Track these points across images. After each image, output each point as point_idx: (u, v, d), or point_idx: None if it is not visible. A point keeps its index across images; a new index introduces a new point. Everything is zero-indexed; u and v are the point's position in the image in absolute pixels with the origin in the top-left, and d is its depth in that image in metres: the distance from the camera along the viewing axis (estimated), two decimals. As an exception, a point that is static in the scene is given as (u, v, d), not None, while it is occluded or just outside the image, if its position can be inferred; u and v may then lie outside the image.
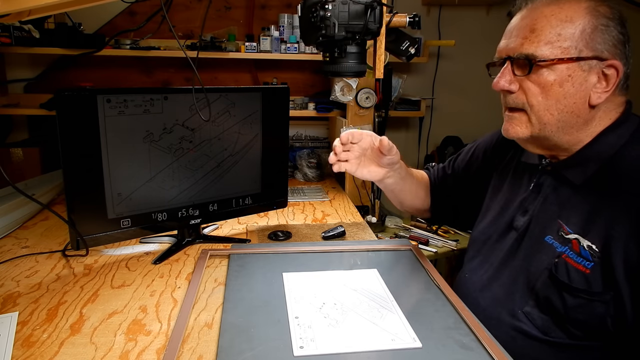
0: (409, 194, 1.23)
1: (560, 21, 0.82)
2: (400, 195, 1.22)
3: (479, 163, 1.16)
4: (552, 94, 0.83)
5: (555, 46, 0.81)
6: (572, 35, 0.81)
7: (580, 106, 0.83)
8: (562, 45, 0.81)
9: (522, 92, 0.86)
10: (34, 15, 0.87)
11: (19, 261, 1.15)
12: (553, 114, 0.84)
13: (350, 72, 0.91)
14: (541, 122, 0.86)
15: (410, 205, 1.27)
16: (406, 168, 1.19)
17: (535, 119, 0.86)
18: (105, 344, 0.82)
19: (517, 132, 0.89)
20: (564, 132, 0.86)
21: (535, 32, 0.83)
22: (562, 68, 0.82)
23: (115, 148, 1.07)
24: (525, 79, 0.85)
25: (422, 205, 1.27)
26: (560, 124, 0.85)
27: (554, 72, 0.82)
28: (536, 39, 0.82)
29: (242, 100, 1.25)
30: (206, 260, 1.13)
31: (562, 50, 0.81)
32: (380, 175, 1.12)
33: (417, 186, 1.23)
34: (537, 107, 0.85)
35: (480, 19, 2.38)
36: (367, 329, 0.85)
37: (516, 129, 0.89)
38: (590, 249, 0.82)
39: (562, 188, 0.91)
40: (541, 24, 0.83)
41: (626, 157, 0.84)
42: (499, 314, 0.92)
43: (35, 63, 2.08)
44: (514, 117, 0.89)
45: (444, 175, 1.25)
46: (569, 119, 0.84)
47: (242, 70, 2.24)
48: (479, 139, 1.20)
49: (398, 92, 2.18)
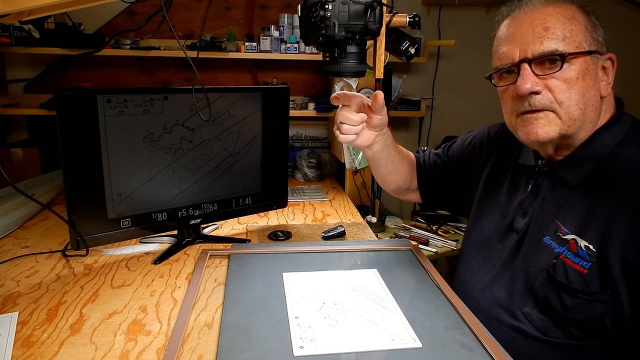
0: (392, 165, 1.18)
1: (566, 18, 0.84)
2: (385, 167, 1.18)
3: (476, 152, 1.15)
4: (578, 88, 0.83)
5: (571, 41, 0.83)
6: (580, 31, 0.83)
7: (597, 99, 0.86)
8: (576, 39, 0.83)
9: (547, 91, 0.84)
10: (34, 15, 0.87)
11: (19, 261, 1.15)
12: (581, 108, 0.84)
13: (350, 72, 0.91)
14: (571, 117, 0.84)
15: (393, 180, 1.23)
16: (391, 136, 1.15)
17: (565, 116, 0.84)
18: (105, 344, 0.82)
19: (549, 132, 0.85)
20: (584, 127, 0.87)
21: (550, 30, 0.83)
22: (580, 62, 0.83)
23: (115, 148, 1.07)
24: (549, 77, 0.83)
25: (404, 182, 1.23)
26: (585, 118, 0.85)
27: (575, 66, 0.83)
28: (553, 35, 0.83)
29: (242, 100, 1.25)
30: (206, 260, 1.13)
31: (576, 45, 0.83)
32: (371, 139, 1.07)
33: (400, 159, 1.20)
34: (567, 103, 0.83)
35: (480, 19, 2.38)
36: (367, 329, 0.85)
37: (546, 129, 0.85)
38: (587, 249, 0.82)
39: (559, 188, 0.91)
40: (552, 21, 0.83)
41: (621, 156, 0.84)
42: (499, 315, 0.92)
43: (35, 63, 2.08)
44: (539, 117, 0.85)
45: (438, 161, 1.23)
46: (590, 113, 0.85)
47: (242, 70, 2.24)
48: (476, 130, 1.20)
49: (398, 92, 2.18)
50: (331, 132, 2.29)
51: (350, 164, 1.92)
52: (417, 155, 1.28)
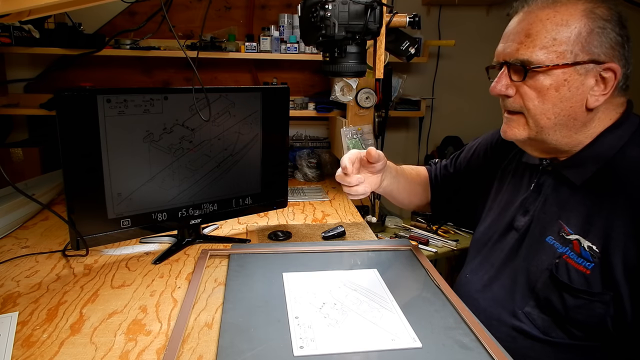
0: (405, 192, 1.23)
1: (555, 25, 0.81)
2: (398, 196, 1.23)
3: (480, 161, 1.16)
4: (549, 98, 0.83)
5: (551, 51, 0.81)
6: (568, 39, 0.80)
7: (577, 109, 0.83)
8: (558, 49, 0.81)
9: (519, 96, 0.87)
10: (34, 15, 0.87)
11: (19, 261, 1.15)
12: (550, 118, 0.84)
13: (350, 72, 0.91)
14: (538, 125, 0.86)
15: (409, 202, 1.28)
16: (395, 166, 1.20)
17: (532, 122, 0.86)
18: (105, 344, 0.82)
19: (515, 134, 0.90)
20: (561, 134, 0.86)
21: (531, 37, 0.82)
22: (558, 73, 0.81)
23: (115, 148, 1.07)
24: (522, 83, 0.85)
25: (420, 201, 1.28)
26: (558, 127, 0.85)
27: (550, 76, 0.82)
28: (531, 44, 0.82)
29: (242, 100, 1.25)
30: (206, 260, 1.13)
31: (557, 55, 0.81)
32: (377, 182, 1.12)
33: (410, 183, 1.24)
34: (534, 111, 0.85)
35: (480, 19, 2.38)
36: (367, 329, 0.85)
37: (514, 131, 0.90)
38: (590, 249, 0.82)
39: (563, 188, 0.91)
40: (536, 28, 0.82)
41: (626, 158, 0.84)
42: (500, 314, 0.92)
43: (35, 63, 2.08)
44: (512, 119, 0.90)
45: (446, 173, 1.25)
46: (566, 122, 0.85)
47: (242, 70, 2.24)
48: (481, 137, 1.20)
49: (398, 92, 2.18)
50: (331, 132, 2.29)
51: (350, 164, 1.92)
52: (429, 169, 1.30)
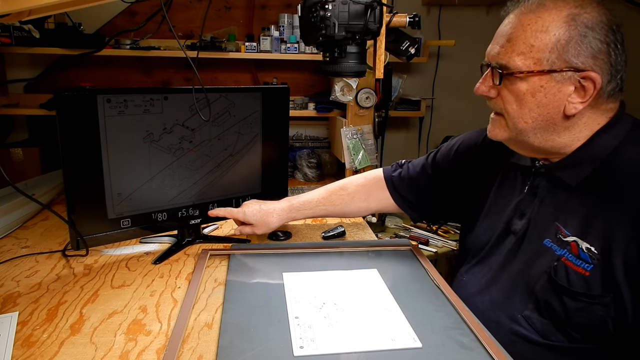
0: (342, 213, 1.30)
1: (535, 32, 0.81)
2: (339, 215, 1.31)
3: (464, 161, 1.12)
4: (525, 103, 0.84)
5: (528, 57, 0.81)
6: (545, 46, 0.80)
7: (554, 116, 0.84)
8: (535, 56, 0.81)
9: (500, 99, 0.88)
10: (34, 15, 0.87)
11: (19, 261, 1.15)
12: (527, 122, 0.85)
13: (350, 72, 0.91)
14: (516, 128, 0.87)
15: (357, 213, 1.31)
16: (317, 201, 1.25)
17: (511, 125, 0.88)
18: (105, 344, 0.82)
19: (497, 134, 0.92)
20: (542, 138, 0.87)
21: (511, 42, 0.83)
22: (534, 79, 0.82)
23: (115, 148, 1.07)
24: (502, 87, 0.86)
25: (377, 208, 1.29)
26: (537, 131, 0.86)
27: (526, 82, 0.83)
28: (511, 49, 0.83)
29: (242, 100, 1.25)
30: (206, 260, 1.13)
31: (534, 62, 0.81)
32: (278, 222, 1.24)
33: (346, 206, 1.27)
34: (512, 114, 0.87)
35: (480, 19, 2.38)
36: (367, 329, 0.85)
37: (496, 131, 0.92)
38: (589, 251, 0.82)
39: (558, 190, 0.90)
40: (517, 33, 0.83)
41: (622, 158, 0.83)
42: (498, 318, 0.92)
43: (35, 63, 2.08)
44: (495, 119, 0.93)
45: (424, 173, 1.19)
46: (545, 127, 0.85)
47: (242, 70, 2.24)
48: (460, 136, 1.17)
49: (398, 92, 2.18)
50: (331, 132, 2.29)
51: (350, 164, 1.92)
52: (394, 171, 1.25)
